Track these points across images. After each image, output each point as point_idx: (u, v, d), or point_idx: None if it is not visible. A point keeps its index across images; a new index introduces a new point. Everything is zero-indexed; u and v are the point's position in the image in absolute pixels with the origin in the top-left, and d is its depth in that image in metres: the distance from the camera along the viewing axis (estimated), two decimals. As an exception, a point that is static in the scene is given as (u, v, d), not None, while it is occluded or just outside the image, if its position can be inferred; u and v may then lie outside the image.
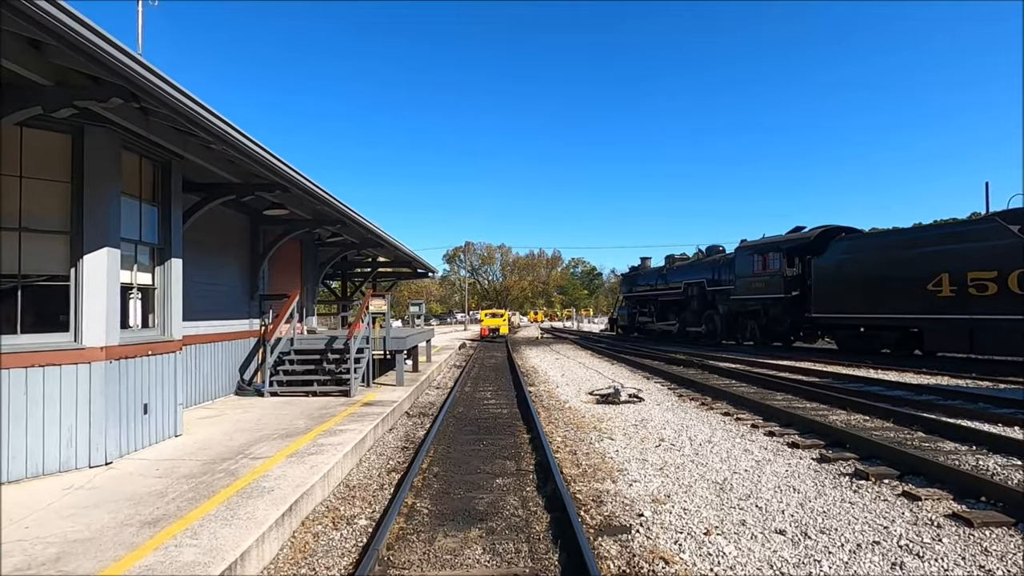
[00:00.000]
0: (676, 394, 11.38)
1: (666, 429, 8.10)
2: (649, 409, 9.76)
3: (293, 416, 8.13)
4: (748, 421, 8.41)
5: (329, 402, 9.40)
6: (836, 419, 8.39)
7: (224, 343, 9.83)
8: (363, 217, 10.57)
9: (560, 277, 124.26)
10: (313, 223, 10.98)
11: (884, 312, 17.21)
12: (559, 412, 9.83)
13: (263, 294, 11.39)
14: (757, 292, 22.21)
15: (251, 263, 10.80)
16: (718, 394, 10.82)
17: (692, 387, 12.06)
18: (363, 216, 10.62)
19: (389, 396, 10.11)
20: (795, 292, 20.87)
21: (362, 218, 10.53)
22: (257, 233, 10.89)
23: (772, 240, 21.97)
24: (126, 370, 5.78)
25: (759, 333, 22.87)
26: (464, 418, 9.43)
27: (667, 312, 29.84)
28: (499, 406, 10.63)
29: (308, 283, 14.16)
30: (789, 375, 13.76)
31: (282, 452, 5.98)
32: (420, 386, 12.16)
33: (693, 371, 15.11)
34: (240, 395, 10.03)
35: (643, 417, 9.03)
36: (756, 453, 6.69)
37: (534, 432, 7.99)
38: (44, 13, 3.46)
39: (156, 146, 6.25)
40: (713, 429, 8.03)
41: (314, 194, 8.25)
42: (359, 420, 7.80)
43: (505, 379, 14.84)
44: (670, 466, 6.25)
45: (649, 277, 31.85)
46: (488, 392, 12.44)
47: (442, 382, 14.37)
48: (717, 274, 25.22)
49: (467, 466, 6.45)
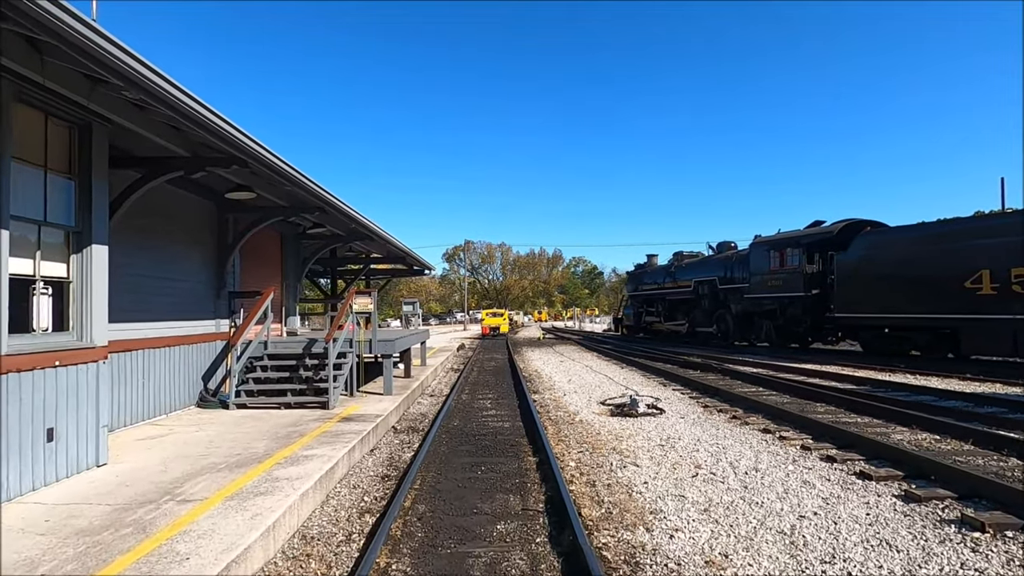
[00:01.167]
0: (700, 404, 10.07)
1: (699, 451, 6.79)
2: (673, 424, 8.46)
3: (255, 435, 6.83)
4: (795, 440, 7.10)
5: (303, 416, 8.10)
6: (900, 438, 7.09)
7: (183, 347, 8.53)
8: (344, 203, 9.26)
9: (561, 276, 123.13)
10: (288, 210, 9.67)
11: (915, 312, 15.91)
12: (569, 426, 8.53)
13: (233, 291, 10.09)
14: (773, 290, 20.90)
15: (218, 255, 9.50)
16: (749, 405, 9.51)
17: (717, 396, 10.75)
18: (344, 202, 9.31)
19: (374, 408, 8.81)
20: (815, 290, 19.58)
21: (343, 204, 9.23)
22: (225, 221, 9.59)
23: (791, 235, 20.65)
24: (18, 386, 4.47)
25: (775, 334, 21.56)
26: (460, 434, 8.13)
27: (675, 311, 28.52)
28: (500, 418, 9.34)
29: (289, 280, 12.86)
30: (820, 381, 12.46)
31: (223, 491, 4.68)
32: (412, 394, 10.86)
33: (712, 376, 13.80)
34: (202, 407, 8.73)
35: (668, 434, 7.72)
36: (820, 487, 5.39)
37: (542, 454, 6.70)
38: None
39: (65, 102, 4.94)
40: (756, 451, 6.72)
41: (281, 172, 6.95)
42: (333, 441, 6.50)
43: (506, 385, 13.54)
44: (717, 506, 4.95)
45: (656, 275, 30.52)
46: (488, 401, 11.14)
47: (437, 389, 13.06)
48: (729, 271, 23.90)
49: (461, 503, 5.16)
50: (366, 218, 10.83)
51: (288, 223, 12.45)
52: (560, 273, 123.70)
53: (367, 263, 18.94)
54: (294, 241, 13.08)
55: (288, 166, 7.04)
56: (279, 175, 7.13)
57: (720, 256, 25.18)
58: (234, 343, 8.60)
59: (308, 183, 7.74)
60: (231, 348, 8.65)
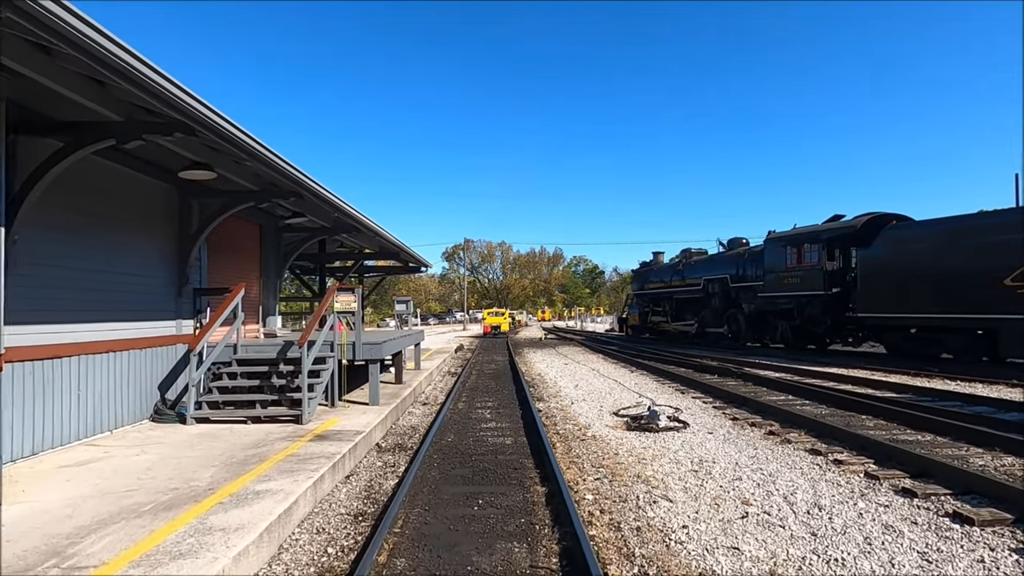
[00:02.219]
0: (727, 416, 8.90)
1: (742, 479, 5.63)
2: (701, 441, 7.30)
3: (205, 460, 5.67)
4: (854, 466, 5.93)
5: (271, 432, 6.94)
6: (982, 463, 5.92)
7: (135, 352, 7.37)
8: (323, 188, 8.10)
9: (562, 275, 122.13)
10: (260, 195, 8.52)
11: (948, 312, 14.75)
12: (580, 443, 7.37)
13: (200, 288, 8.94)
14: (790, 288, 19.74)
15: (179, 246, 8.34)
16: (784, 417, 8.35)
17: (745, 406, 9.58)
18: (324, 187, 8.15)
19: (356, 421, 7.65)
20: (835, 289, 18.43)
21: (322, 189, 8.07)
22: (187, 207, 8.43)
23: (809, 230, 19.48)
24: None
25: (791, 335, 20.40)
26: (455, 453, 6.98)
27: (683, 311, 27.35)
28: (501, 432, 8.19)
29: (268, 275, 11.69)
30: (853, 388, 11.30)
31: (130, 551, 3.52)
32: (402, 404, 9.70)
33: (733, 382, 12.63)
34: (157, 422, 7.57)
35: (699, 455, 6.56)
36: (909, 534, 4.23)
37: (552, 483, 5.55)
38: None
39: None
40: (811, 481, 5.55)
41: (238, 144, 5.79)
42: (297, 469, 5.33)
43: (507, 391, 12.38)
44: (785, 565, 3.78)
45: (663, 273, 29.35)
46: (487, 410, 9.98)
47: (431, 396, 11.89)
48: (742, 269, 22.73)
49: (452, 557, 4.00)
50: (350, 206, 9.66)
51: (265, 212, 11.31)
52: (561, 272, 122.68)
53: (359, 259, 17.79)
54: (274, 233, 11.91)
55: (247, 136, 5.88)
56: (238, 148, 5.97)
57: (731, 253, 24.02)
58: (194, 347, 7.43)
59: (274, 159, 6.57)
60: (192, 353, 7.48)
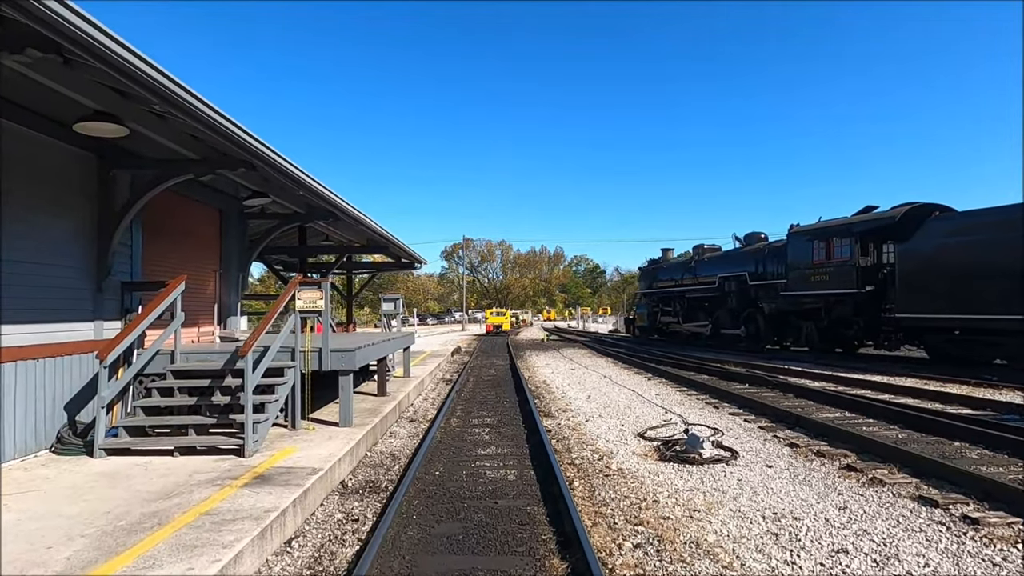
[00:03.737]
0: (781, 441, 7.21)
1: (848, 551, 3.93)
2: (763, 479, 5.61)
3: (83, 521, 3.98)
4: (999, 527, 4.24)
5: (198, 471, 5.25)
6: None
7: (28, 363, 5.68)
8: (280, 155, 6.41)
9: (562, 275, 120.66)
10: (201, 165, 6.83)
11: (1003, 312, 13.06)
12: (605, 481, 5.69)
13: (130, 281, 7.25)
14: (817, 287, 18.05)
15: (99, 228, 6.65)
16: (857, 444, 6.65)
17: (798, 426, 7.89)
18: (281, 155, 6.46)
19: (317, 451, 5.97)
20: (869, 286, 16.74)
21: (278, 157, 6.37)
22: (109, 180, 6.72)
23: (839, 222, 17.78)
24: None
25: (817, 337, 18.72)
26: (442, 495, 5.31)
27: (696, 311, 25.65)
28: (502, 461, 6.52)
29: (229, 268, 9.99)
30: (913, 401, 9.64)
31: None
32: (382, 422, 8.01)
33: (770, 393, 10.95)
34: (59, 453, 5.87)
35: (770, 505, 4.87)
36: None
37: (574, 550, 3.91)
38: None
39: None
40: (951, 557, 3.86)
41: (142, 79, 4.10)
42: (206, 541, 3.64)
43: (509, 403, 10.69)
44: None
45: (673, 271, 27.63)
46: (485, 430, 8.30)
47: (420, 410, 10.19)
48: (761, 266, 21.04)
49: None
50: (322, 185, 7.96)
51: (226, 195, 9.62)
52: (561, 272, 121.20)
53: (345, 253, 16.10)
54: (238, 219, 10.20)
55: (157, 72, 4.19)
56: (148, 90, 4.28)
57: (750, 249, 22.32)
58: (104, 357, 5.72)
59: (208, 114, 4.89)
60: (102, 365, 5.77)
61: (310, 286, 7.15)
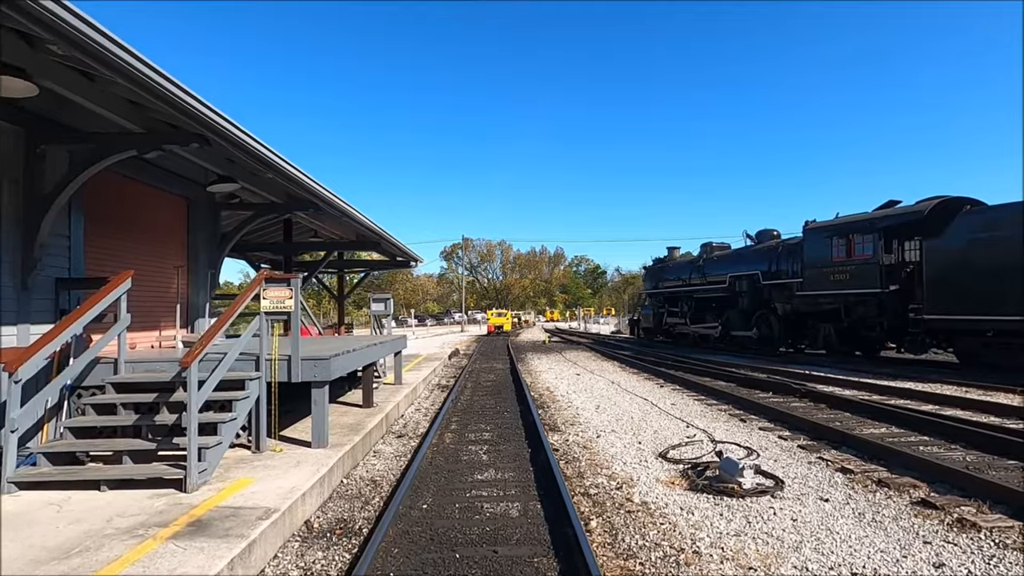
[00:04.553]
0: (829, 464, 6.15)
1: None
2: (821, 518, 4.57)
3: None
4: None
5: (123, 512, 4.21)
6: None
7: (-78, 377, 4.63)
8: (239, 128, 5.36)
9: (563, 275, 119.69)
10: (145, 140, 5.78)
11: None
12: (628, 520, 4.65)
13: (68, 278, 6.21)
14: (837, 286, 16.99)
15: (24, 213, 5.61)
16: (921, 470, 5.60)
17: (844, 445, 6.82)
18: (242, 128, 5.42)
19: (278, 483, 4.92)
20: (893, 286, 15.69)
21: (236, 131, 5.33)
22: (36, 158, 5.68)
23: (862, 217, 16.72)
24: None
25: (836, 339, 17.67)
26: (429, 539, 4.27)
27: (704, 312, 24.57)
28: (503, 490, 5.48)
29: (198, 264, 8.93)
30: (963, 412, 8.59)
31: None
32: (364, 441, 6.96)
33: (799, 403, 9.90)
34: (-38, 485, 4.82)
35: (845, 560, 3.82)
36: None
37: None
38: None
39: None
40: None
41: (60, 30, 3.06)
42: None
43: (510, 413, 9.64)
44: None
45: (680, 269, 26.55)
46: (483, 447, 7.25)
47: (410, 423, 9.14)
48: (775, 264, 19.97)
49: None
50: (295, 167, 6.90)
51: (193, 183, 8.57)
52: (562, 272, 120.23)
53: (334, 249, 15.06)
54: (208, 210, 9.15)
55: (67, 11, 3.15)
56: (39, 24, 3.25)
57: (762, 246, 21.25)
58: (13, 369, 4.67)
59: (128, 63, 3.85)
60: (11, 379, 4.73)
61: (277, 283, 6.10)
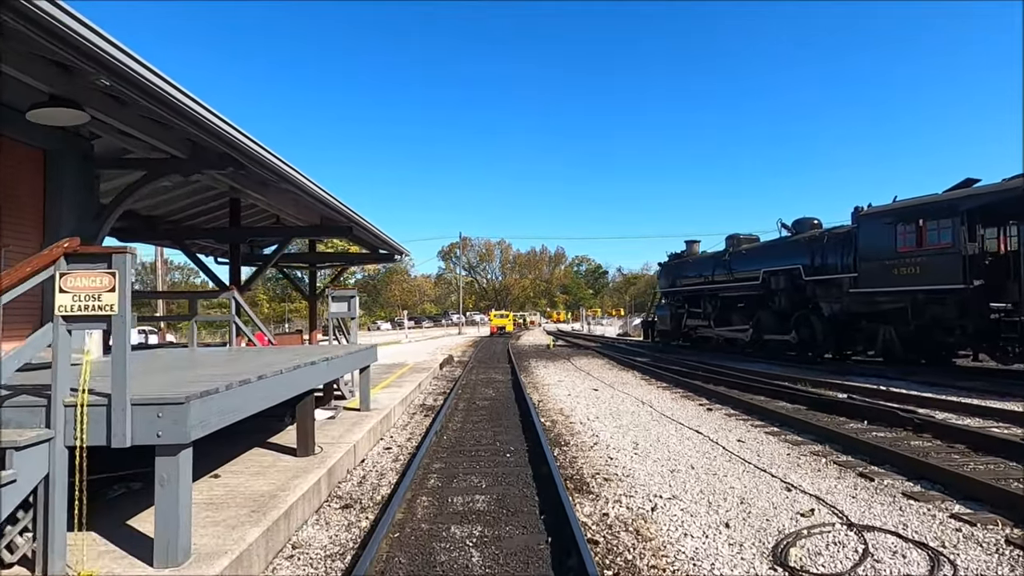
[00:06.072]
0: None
1: None
2: None
3: None
4: None
5: None
6: None
7: None
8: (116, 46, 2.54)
9: (563, 275, 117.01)
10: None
11: None
12: None
13: None
14: (903, 281, 14.17)
15: None
16: None
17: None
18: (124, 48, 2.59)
19: None
20: (978, 281, 12.90)
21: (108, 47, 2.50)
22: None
23: (936, 199, 13.91)
24: None
25: (899, 344, 14.86)
26: None
27: (731, 313, 21.76)
28: None
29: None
30: None
31: None
32: (266, 536, 4.13)
33: (919, 441, 7.08)
34: None
35: None
36: None
37: None
38: None
39: None
40: None
41: None
42: None
43: (514, 455, 6.79)
44: None
45: (702, 266, 23.70)
46: (475, 528, 4.40)
47: (369, 477, 6.29)
48: (819, 258, 17.17)
49: None
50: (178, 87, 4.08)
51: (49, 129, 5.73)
52: (562, 272, 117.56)
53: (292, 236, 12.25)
54: (77, 165, 6.29)
55: None
56: None
57: (802, 237, 18.42)
58: None
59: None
60: None
61: (86, 263, 3.28)
